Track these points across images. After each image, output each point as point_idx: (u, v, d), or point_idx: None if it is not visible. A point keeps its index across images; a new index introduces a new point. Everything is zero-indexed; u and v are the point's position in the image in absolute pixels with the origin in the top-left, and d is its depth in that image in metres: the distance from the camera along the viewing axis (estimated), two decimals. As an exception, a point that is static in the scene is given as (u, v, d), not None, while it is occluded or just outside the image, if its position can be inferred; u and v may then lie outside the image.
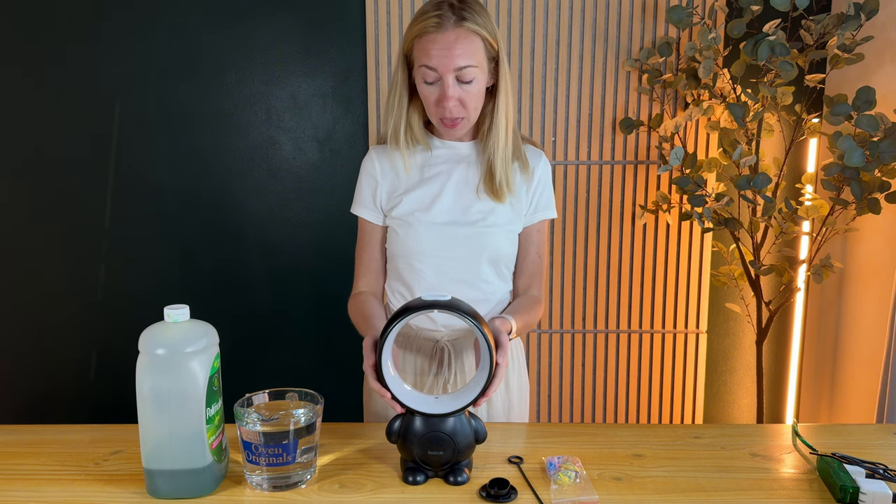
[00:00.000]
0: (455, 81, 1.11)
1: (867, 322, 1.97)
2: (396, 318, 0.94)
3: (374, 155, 1.26)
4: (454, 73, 1.10)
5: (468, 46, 1.10)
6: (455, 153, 1.25)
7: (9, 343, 2.33)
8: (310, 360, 2.34)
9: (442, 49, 1.08)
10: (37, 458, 1.03)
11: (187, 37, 2.15)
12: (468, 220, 1.21)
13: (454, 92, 1.11)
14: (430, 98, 1.14)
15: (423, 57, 1.10)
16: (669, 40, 2.02)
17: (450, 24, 1.08)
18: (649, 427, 1.15)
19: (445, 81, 1.11)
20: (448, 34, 1.08)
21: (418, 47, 1.12)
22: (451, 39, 1.08)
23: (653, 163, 2.15)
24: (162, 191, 2.23)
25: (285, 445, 0.91)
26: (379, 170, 1.25)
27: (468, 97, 1.13)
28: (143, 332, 0.90)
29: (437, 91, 1.13)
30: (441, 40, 1.08)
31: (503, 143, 1.20)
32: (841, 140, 1.69)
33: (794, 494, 0.92)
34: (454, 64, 1.09)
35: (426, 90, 1.14)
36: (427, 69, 1.11)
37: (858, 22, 1.72)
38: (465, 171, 1.24)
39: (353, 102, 2.19)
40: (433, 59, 1.09)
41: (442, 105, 1.13)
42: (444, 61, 1.09)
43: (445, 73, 1.10)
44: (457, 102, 1.13)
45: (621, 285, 2.22)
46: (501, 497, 0.89)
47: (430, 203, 1.21)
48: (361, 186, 1.27)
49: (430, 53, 1.09)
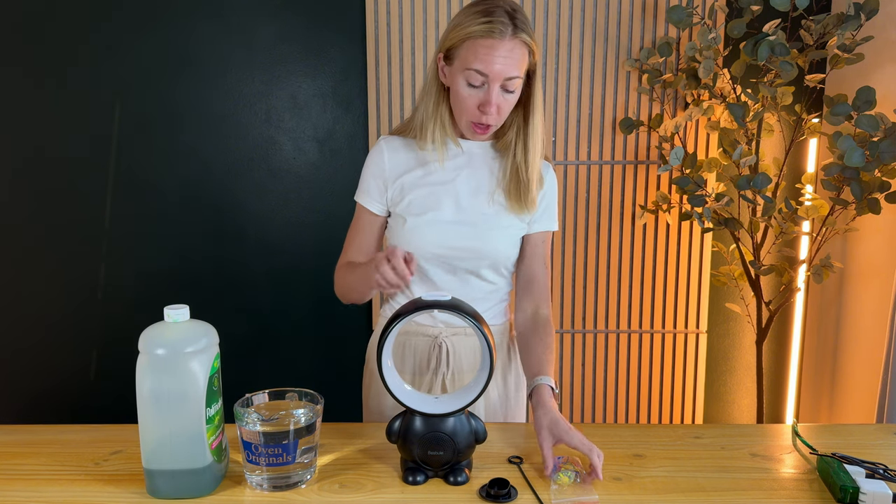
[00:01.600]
0: (499, 90, 1.11)
1: (867, 322, 1.97)
2: (397, 318, 0.94)
3: (385, 146, 1.25)
4: (502, 81, 1.11)
5: (520, 57, 1.10)
6: (471, 152, 1.24)
7: (9, 343, 2.33)
8: (310, 360, 2.34)
9: (498, 57, 1.08)
10: (37, 458, 1.03)
11: (187, 37, 2.15)
12: (473, 221, 1.20)
13: (497, 99, 1.12)
14: (469, 101, 1.13)
15: (475, 61, 1.09)
16: (669, 40, 2.02)
17: (508, 32, 1.08)
18: (649, 427, 1.15)
19: (492, 88, 1.11)
20: (505, 43, 1.08)
21: (469, 49, 1.10)
22: (507, 49, 1.08)
23: (653, 163, 2.15)
24: (162, 191, 2.23)
25: (285, 445, 0.91)
26: (388, 162, 1.23)
27: (506, 105, 1.14)
28: (143, 332, 0.90)
29: (480, 96, 1.12)
30: (498, 48, 1.08)
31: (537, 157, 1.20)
32: (841, 140, 1.69)
33: (794, 494, 0.92)
34: (506, 73, 1.10)
35: (467, 92, 1.13)
36: (477, 73, 1.10)
37: (858, 22, 1.72)
38: (480, 171, 1.23)
39: (353, 102, 2.19)
40: (486, 65, 1.09)
41: (483, 110, 1.13)
42: (497, 69, 1.09)
43: (494, 81, 1.10)
44: (496, 110, 1.13)
45: (621, 285, 2.22)
46: (501, 497, 0.89)
47: (440, 201, 1.21)
48: (367, 177, 1.25)
49: (483, 59, 1.09)
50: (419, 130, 1.21)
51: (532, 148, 1.19)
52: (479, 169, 1.23)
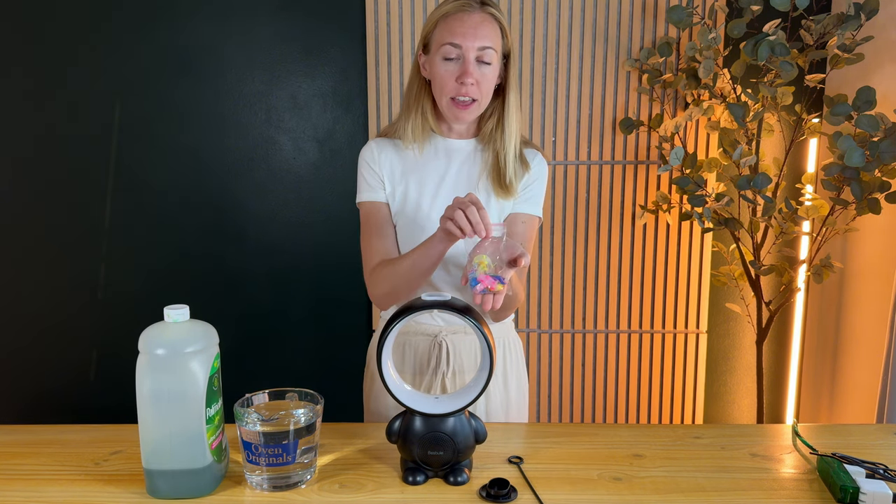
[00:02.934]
0: (475, 61, 1.15)
1: (867, 322, 1.97)
2: (396, 318, 0.94)
3: (374, 144, 1.27)
4: (476, 51, 1.15)
5: (491, 30, 1.16)
6: (455, 149, 1.25)
7: (9, 343, 2.33)
8: (310, 360, 2.33)
9: (468, 27, 1.14)
10: (37, 458, 1.03)
11: (187, 37, 2.15)
12: None
13: (474, 70, 1.15)
14: (447, 76, 1.16)
15: (447, 35, 1.15)
16: (669, 40, 2.02)
17: (476, 7, 1.16)
18: (649, 427, 1.15)
19: (467, 58, 1.15)
20: (474, 16, 1.15)
21: (442, 27, 1.16)
22: (476, 20, 1.15)
23: (653, 163, 2.15)
24: (162, 191, 2.23)
25: (285, 445, 0.91)
26: (379, 157, 1.25)
27: (484, 80, 1.17)
28: (143, 332, 0.90)
29: (457, 69, 1.15)
30: (467, 20, 1.15)
31: (513, 142, 1.22)
32: (841, 140, 1.69)
33: (794, 494, 0.92)
34: (479, 42, 1.14)
35: (444, 68, 1.16)
36: (450, 46, 1.14)
37: (858, 22, 1.72)
38: (463, 167, 1.25)
39: (353, 102, 2.19)
40: (457, 35, 1.14)
41: (461, 81, 1.15)
42: (468, 39, 1.14)
43: (469, 51, 1.14)
44: (474, 82, 1.16)
45: (621, 285, 2.22)
46: (501, 497, 0.89)
47: (427, 200, 1.22)
48: (365, 173, 1.26)
49: (455, 31, 1.14)
50: (402, 124, 1.24)
51: (508, 129, 1.22)
52: (464, 165, 1.25)
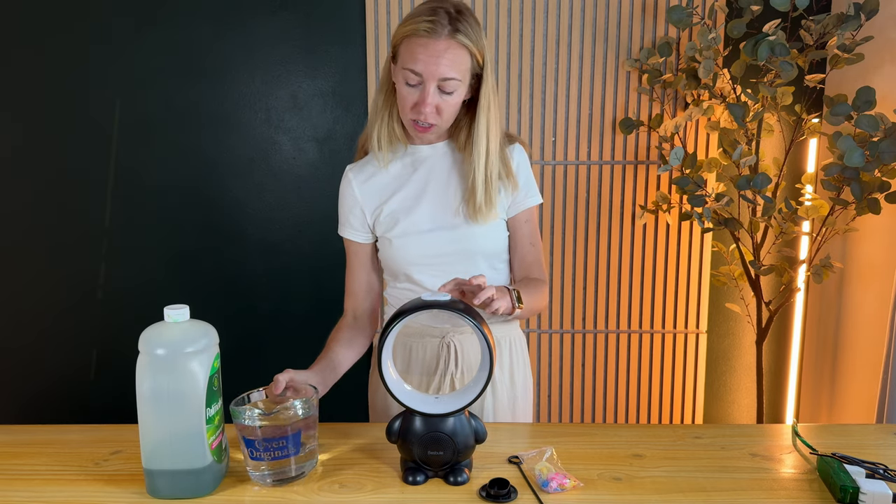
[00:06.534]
0: (436, 90, 1.11)
1: (867, 322, 1.97)
2: (396, 319, 0.94)
3: (351, 175, 1.26)
4: (437, 81, 1.10)
5: (456, 59, 1.10)
6: (428, 156, 1.24)
7: (8, 343, 2.33)
8: (310, 361, 2.32)
9: (430, 56, 1.08)
10: (37, 458, 1.03)
11: (187, 37, 2.15)
12: (451, 224, 1.20)
13: (433, 100, 1.11)
14: (407, 100, 1.13)
15: (410, 60, 1.10)
16: (669, 40, 2.02)
17: (443, 33, 1.08)
18: (649, 427, 1.15)
19: (427, 88, 1.10)
20: (439, 43, 1.08)
21: (406, 48, 1.11)
22: (441, 49, 1.08)
23: (653, 163, 2.15)
24: (162, 191, 2.23)
25: (286, 438, 0.91)
26: (357, 189, 1.24)
27: (445, 106, 1.13)
28: (143, 332, 0.90)
29: (417, 95, 1.12)
30: (431, 47, 1.08)
31: (483, 161, 1.16)
32: (841, 140, 1.69)
33: (794, 494, 0.92)
34: (440, 73, 1.09)
35: (405, 91, 1.13)
36: (411, 73, 1.10)
37: (858, 22, 1.72)
38: (440, 172, 1.23)
39: (353, 102, 2.19)
40: (419, 63, 1.09)
41: (418, 110, 1.12)
42: (430, 69, 1.09)
43: (429, 81, 1.10)
44: (433, 109, 1.12)
45: (621, 285, 2.22)
46: (501, 497, 0.89)
47: (413, 213, 1.21)
48: (344, 211, 1.27)
49: (417, 58, 1.09)
50: (370, 130, 1.22)
51: (477, 148, 1.16)
52: (442, 171, 1.23)
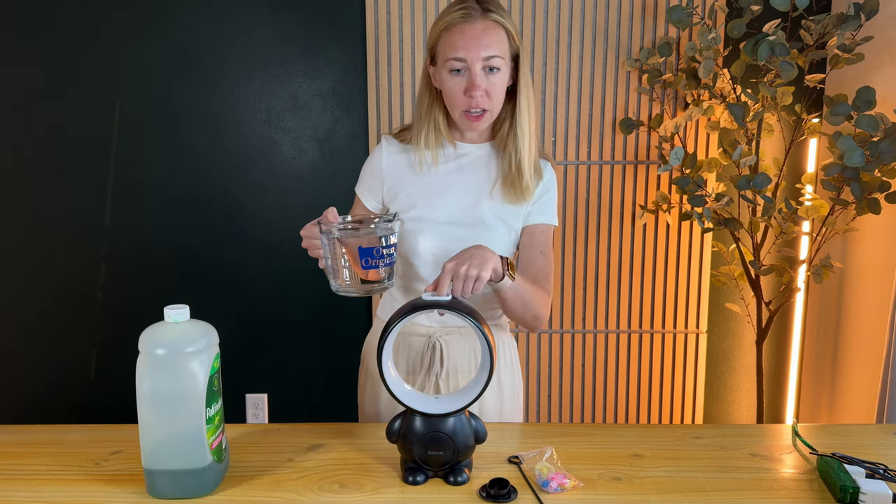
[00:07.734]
0: (482, 72, 1.13)
1: (867, 322, 1.97)
2: (397, 319, 0.94)
3: (385, 146, 1.27)
4: (482, 62, 1.12)
5: (495, 36, 1.13)
6: (468, 155, 1.25)
7: (8, 343, 2.33)
8: (309, 361, 2.34)
9: (470, 39, 1.11)
10: (37, 458, 1.03)
11: (187, 37, 2.15)
12: (469, 222, 1.21)
13: (481, 81, 1.13)
14: (456, 89, 1.15)
15: (450, 49, 1.12)
16: (669, 40, 2.02)
17: (477, 15, 1.12)
18: (649, 427, 1.15)
19: (473, 71, 1.12)
20: (476, 25, 1.12)
21: (445, 40, 1.14)
22: (479, 30, 1.12)
23: (653, 163, 2.15)
24: (162, 191, 2.23)
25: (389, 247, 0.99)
26: (385, 160, 1.26)
27: (493, 89, 1.15)
28: (143, 332, 0.90)
29: (465, 81, 1.14)
30: (469, 31, 1.12)
31: (527, 143, 1.20)
32: (841, 140, 1.69)
33: (794, 494, 0.92)
34: (483, 53, 1.12)
35: (452, 82, 1.15)
36: (455, 61, 1.12)
37: (858, 22, 1.72)
38: (477, 172, 1.24)
39: (353, 102, 2.19)
40: (460, 49, 1.11)
41: (470, 94, 1.14)
42: (472, 52, 1.11)
43: (474, 62, 1.12)
44: (483, 93, 1.14)
45: (621, 285, 2.22)
46: (501, 497, 0.89)
47: (436, 202, 1.22)
48: (366, 173, 1.28)
49: (457, 45, 1.12)
50: (415, 135, 1.23)
51: (521, 132, 1.19)
52: (477, 170, 1.24)
